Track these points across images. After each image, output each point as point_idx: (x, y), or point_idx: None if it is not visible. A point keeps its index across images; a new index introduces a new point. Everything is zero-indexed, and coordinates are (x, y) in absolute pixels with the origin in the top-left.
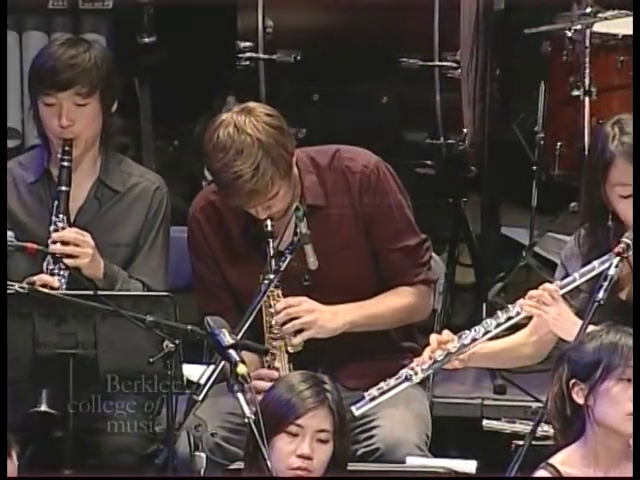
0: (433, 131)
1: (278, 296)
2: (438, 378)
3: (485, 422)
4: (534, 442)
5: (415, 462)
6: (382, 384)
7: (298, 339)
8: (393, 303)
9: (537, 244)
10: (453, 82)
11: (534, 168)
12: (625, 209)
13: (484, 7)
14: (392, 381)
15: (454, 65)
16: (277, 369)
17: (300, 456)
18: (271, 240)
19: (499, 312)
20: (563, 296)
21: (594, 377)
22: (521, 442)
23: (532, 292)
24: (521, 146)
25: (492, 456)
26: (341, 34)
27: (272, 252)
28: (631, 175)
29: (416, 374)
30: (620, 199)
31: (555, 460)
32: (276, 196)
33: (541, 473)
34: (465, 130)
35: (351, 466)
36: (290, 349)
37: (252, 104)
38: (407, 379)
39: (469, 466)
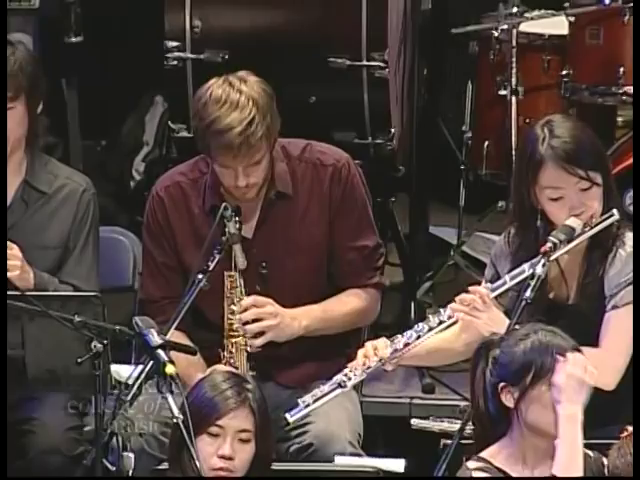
0: (361, 131)
1: (242, 293)
2: (366, 377)
3: (413, 421)
4: (462, 441)
5: (343, 461)
6: (316, 391)
7: (260, 341)
8: (346, 307)
9: (465, 243)
10: (381, 82)
11: (462, 167)
12: (554, 211)
13: (411, 7)
14: (326, 387)
15: (382, 65)
16: (236, 367)
17: (221, 457)
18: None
19: (431, 316)
20: None
21: (525, 382)
22: (449, 441)
23: (464, 296)
24: (449, 145)
25: (420, 455)
26: (269, 34)
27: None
28: (560, 178)
29: (349, 379)
30: (549, 202)
31: (485, 455)
32: (258, 164)
33: (471, 464)
34: (393, 130)
35: (276, 466)
36: (249, 349)
37: (242, 72)
38: (340, 385)
39: (397, 465)
